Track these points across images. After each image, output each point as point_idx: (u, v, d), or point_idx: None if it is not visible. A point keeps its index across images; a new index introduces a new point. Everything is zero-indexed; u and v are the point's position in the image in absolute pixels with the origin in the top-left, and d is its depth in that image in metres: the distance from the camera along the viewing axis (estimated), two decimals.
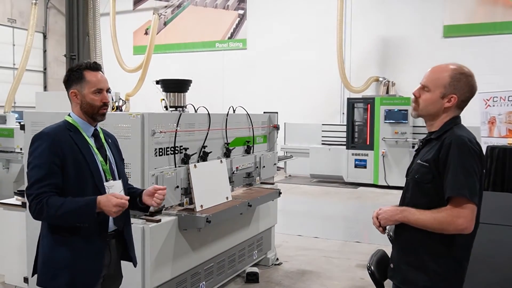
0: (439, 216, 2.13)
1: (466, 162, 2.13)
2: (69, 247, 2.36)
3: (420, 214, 2.19)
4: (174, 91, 4.86)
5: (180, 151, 3.98)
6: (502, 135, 8.13)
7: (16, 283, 4.56)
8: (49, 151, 2.32)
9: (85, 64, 2.50)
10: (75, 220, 2.33)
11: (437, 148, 2.22)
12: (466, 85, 2.25)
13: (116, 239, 2.54)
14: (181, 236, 3.91)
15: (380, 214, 2.31)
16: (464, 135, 2.20)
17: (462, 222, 2.09)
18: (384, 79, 13.75)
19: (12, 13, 16.65)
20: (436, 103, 2.27)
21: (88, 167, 2.40)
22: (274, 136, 5.66)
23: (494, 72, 11.97)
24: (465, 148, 2.15)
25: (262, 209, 5.20)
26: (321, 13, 14.45)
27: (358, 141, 12.06)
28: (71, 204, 2.27)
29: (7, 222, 4.64)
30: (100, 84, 2.48)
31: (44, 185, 2.28)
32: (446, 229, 2.13)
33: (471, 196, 2.10)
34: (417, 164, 2.31)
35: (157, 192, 2.52)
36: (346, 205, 9.76)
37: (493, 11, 12.75)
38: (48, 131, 2.41)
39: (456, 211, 2.10)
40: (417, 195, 2.28)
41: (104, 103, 2.49)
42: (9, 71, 15.84)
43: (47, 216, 2.29)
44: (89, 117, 2.50)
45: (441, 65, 2.32)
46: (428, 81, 2.29)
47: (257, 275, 5.00)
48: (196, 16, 16.83)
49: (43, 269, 2.41)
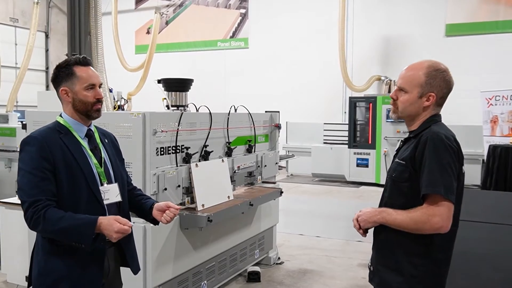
0: (415, 216, 2.07)
1: (442, 159, 2.06)
2: (67, 256, 2.22)
3: (397, 214, 2.13)
4: (175, 90, 4.86)
5: (182, 150, 3.98)
6: (504, 134, 8.12)
7: (18, 282, 4.56)
8: (39, 157, 2.17)
9: (73, 60, 2.32)
10: (71, 238, 2.17)
11: (414, 145, 2.17)
12: (442, 81, 2.21)
13: (115, 247, 2.39)
14: (182, 235, 3.91)
15: (360, 216, 2.26)
16: (441, 132, 2.13)
17: (437, 220, 2.03)
18: (386, 78, 13.73)
19: (14, 12, 16.68)
20: (415, 103, 2.23)
21: (81, 171, 2.24)
22: (275, 135, 5.65)
23: (497, 71, 11.96)
24: (441, 145, 2.09)
25: (264, 208, 5.20)
26: (323, 12, 14.45)
27: (360, 140, 12.05)
28: (70, 221, 2.12)
29: (9, 221, 4.65)
30: (92, 79, 2.31)
31: (39, 192, 2.14)
32: (422, 228, 2.07)
33: (447, 193, 2.03)
34: (394, 163, 2.27)
35: (169, 209, 2.40)
36: (348, 204, 9.74)
37: (495, 9, 12.72)
38: (36, 135, 2.25)
39: (431, 209, 2.04)
40: (394, 194, 2.23)
41: (97, 99, 2.32)
42: (11, 71, 15.86)
43: (42, 229, 2.14)
44: (83, 115, 2.33)
45: (415, 64, 2.27)
46: (404, 82, 2.25)
47: (258, 274, 5.00)
48: (198, 15, 16.84)
49: (39, 280, 2.25)
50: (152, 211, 2.47)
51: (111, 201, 2.33)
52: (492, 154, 7.24)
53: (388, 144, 11.46)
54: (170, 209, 2.40)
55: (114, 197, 2.35)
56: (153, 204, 2.49)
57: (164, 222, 2.40)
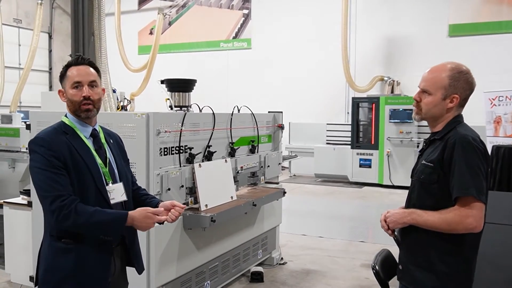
0: (448, 217, 2.13)
1: (472, 161, 2.13)
2: (74, 255, 2.22)
3: (429, 216, 2.18)
4: (179, 90, 4.88)
5: (185, 150, 3.99)
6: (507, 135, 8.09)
7: (22, 282, 4.58)
8: (50, 156, 2.18)
9: (70, 61, 2.36)
10: (102, 231, 2.22)
11: (441, 148, 2.22)
12: (465, 83, 2.26)
13: (121, 246, 2.42)
14: (185, 235, 3.92)
15: (388, 217, 2.30)
16: (468, 134, 2.20)
17: (471, 221, 2.10)
18: (389, 78, 13.72)
19: (18, 13, 16.73)
20: (439, 105, 2.27)
21: (89, 170, 2.25)
22: (278, 136, 5.66)
23: (500, 71, 11.93)
24: (469, 147, 2.15)
25: (267, 208, 5.21)
26: (326, 13, 14.44)
27: (363, 140, 12.05)
28: (102, 215, 2.18)
29: (13, 221, 4.67)
30: (77, 77, 2.28)
31: (59, 187, 2.14)
32: (456, 229, 2.13)
33: (479, 195, 2.10)
34: (422, 165, 2.30)
35: (174, 208, 2.40)
36: (350, 204, 9.74)
37: (498, 10, 12.69)
38: (42, 135, 2.26)
39: (465, 210, 2.10)
40: (423, 196, 2.28)
41: (84, 97, 2.27)
42: (15, 71, 15.91)
43: (73, 223, 2.14)
44: (75, 115, 2.33)
45: (438, 66, 2.31)
46: (428, 84, 2.29)
47: (261, 274, 5.00)
48: (200, 15, 16.86)
49: (46, 279, 2.26)
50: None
51: (116, 200, 2.35)
52: (495, 154, 7.21)
53: (391, 145, 11.45)
54: (175, 207, 2.41)
55: (119, 197, 2.37)
56: (158, 203, 2.49)
57: (170, 220, 2.40)
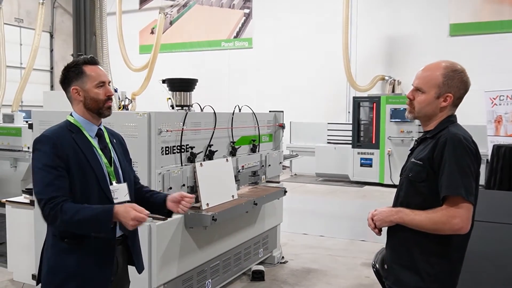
0: (434, 216, 2.08)
1: (462, 161, 2.08)
2: (77, 254, 2.24)
3: (415, 215, 2.14)
4: (180, 90, 4.88)
5: (186, 149, 4.01)
6: (508, 134, 8.10)
7: (24, 280, 4.60)
8: (53, 155, 2.19)
9: (82, 60, 2.38)
10: (90, 228, 2.20)
11: (432, 146, 2.17)
12: (460, 82, 2.21)
13: (123, 244, 2.43)
14: (187, 234, 3.94)
15: (375, 215, 2.27)
16: (460, 133, 2.15)
17: (457, 222, 2.05)
18: (390, 77, 13.73)
19: (19, 12, 16.76)
20: (432, 103, 2.23)
21: (93, 170, 2.27)
22: (279, 135, 5.67)
23: (501, 70, 11.91)
24: (460, 146, 2.10)
25: (268, 207, 5.22)
26: (327, 12, 14.44)
27: (363, 140, 12.05)
28: (87, 212, 2.15)
29: (15, 220, 4.69)
30: (102, 77, 2.36)
31: (54, 189, 2.16)
32: (441, 229, 2.09)
33: (467, 195, 2.05)
34: (411, 163, 2.27)
35: (184, 199, 2.44)
36: (351, 203, 9.75)
37: (499, 9, 12.68)
38: (48, 133, 2.28)
39: (452, 210, 2.06)
40: (410, 194, 2.24)
41: (108, 96, 2.36)
42: (17, 71, 15.92)
43: (61, 222, 2.15)
44: (95, 113, 2.37)
45: (432, 64, 2.28)
46: (421, 83, 2.25)
47: (262, 273, 5.02)
48: (202, 15, 16.87)
49: (49, 278, 2.27)
50: (167, 203, 2.49)
51: (120, 200, 2.36)
52: (496, 154, 7.23)
53: (392, 144, 11.46)
54: (185, 198, 2.45)
55: (123, 197, 2.38)
56: (165, 196, 2.52)
57: (181, 212, 2.48)
